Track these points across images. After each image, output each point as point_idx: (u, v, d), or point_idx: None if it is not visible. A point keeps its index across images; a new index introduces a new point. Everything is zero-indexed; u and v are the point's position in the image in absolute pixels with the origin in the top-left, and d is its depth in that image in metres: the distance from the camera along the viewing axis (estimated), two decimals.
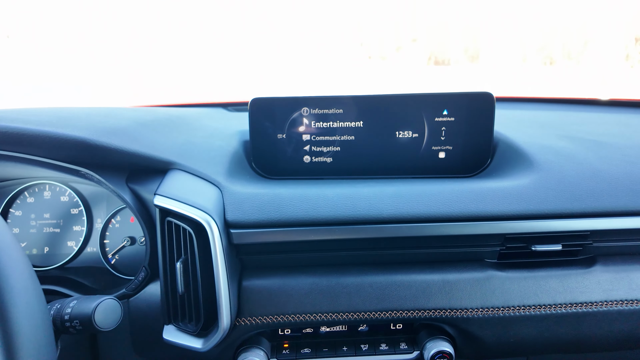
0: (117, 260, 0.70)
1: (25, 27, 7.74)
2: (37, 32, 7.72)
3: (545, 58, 12.35)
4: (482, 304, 0.59)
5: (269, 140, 0.67)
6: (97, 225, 0.71)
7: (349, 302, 0.58)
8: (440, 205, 0.56)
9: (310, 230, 0.56)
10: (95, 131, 0.56)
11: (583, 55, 11.19)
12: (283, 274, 0.59)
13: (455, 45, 14.88)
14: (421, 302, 0.58)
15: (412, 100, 0.64)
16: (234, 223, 0.55)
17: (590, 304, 0.59)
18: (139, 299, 0.60)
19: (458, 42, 14.87)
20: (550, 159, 0.63)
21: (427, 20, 16.18)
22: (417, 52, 15.52)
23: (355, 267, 0.60)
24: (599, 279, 0.60)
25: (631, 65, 8.23)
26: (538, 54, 12.65)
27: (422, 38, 15.66)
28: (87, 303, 0.45)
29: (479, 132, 0.65)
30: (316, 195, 0.57)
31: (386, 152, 0.66)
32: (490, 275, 0.59)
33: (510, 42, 13.42)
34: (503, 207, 0.56)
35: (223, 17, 17.99)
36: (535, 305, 0.59)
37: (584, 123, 0.84)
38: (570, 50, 11.60)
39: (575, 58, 11.46)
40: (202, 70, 9.03)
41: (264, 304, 0.58)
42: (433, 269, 0.60)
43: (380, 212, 0.56)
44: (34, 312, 0.34)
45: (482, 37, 14.29)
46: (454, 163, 0.66)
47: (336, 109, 0.65)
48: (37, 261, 0.70)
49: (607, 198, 0.58)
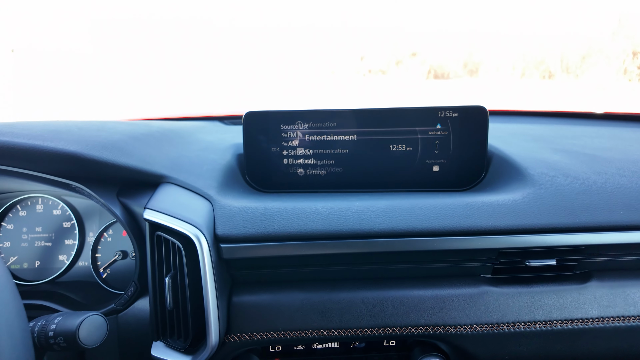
0: (109, 275, 0.69)
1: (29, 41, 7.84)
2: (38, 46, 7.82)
3: (543, 72, 12.44)
4: (476, 320, 0.58)
5: (263, 153, 0.67)
6: (89, 239, 0.71)
7: (340, 318, 0.57)
8: (432, 220, 0.56)
9: (300, 245, 0.55)
10: (86, 145, 0.56)
11: (581, 69, 11.27)
12: (274, 289, 0.58)
13: (454, 59, 15.01)
14: (414, 318, 0.57)
15: (406, 114, 0.65)
16: (224, 237, 0.54)
17: (586, 320, 0.58)
18: (128, 315, 0.59)
19: (457, 56, 15.01)
20: (544, 172, 0.63)
21: (427, 34, 16.36)
22: (416, 66, 15.66)
23: (347, 283, 0.59)
24: (594, 295, 0.59)
25: (629, 79, 8.28)
26: (537, 67, 12.75)
27: (421, 52, 15.82)
28: (72, 319, 0.44)
29: (473, 146, 0.65)
30: (308, 209, 0.57)
31: (380, 166, 0.66)
32: (484, 291, 0.58)
33: (509, 56, 13.55)
34: (496, 222, 0.56)
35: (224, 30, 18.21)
36: (530, 322, 0.58)
37: (579, 137, 0.84)
38: (568, 64, 11.69)
39: (573, 72, 11.55)
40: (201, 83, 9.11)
41: (254, 320, 0.57)
42: (426, 285, 0.59)
43: (372, 226, 0.55)
44: (13, 329, 0.33)
45: (481, 51, 14.42)
46: (448, 177, 0.66)
47: (330, 123, 0.66)
48: (27, 275, 0.70)
49: (602, 212, 0.57)
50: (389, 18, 17.90)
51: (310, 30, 18.97)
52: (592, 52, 11.04)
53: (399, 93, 7.99)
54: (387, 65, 16.36)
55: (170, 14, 17.30)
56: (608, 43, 10.28)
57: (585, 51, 11.35)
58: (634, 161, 0.67)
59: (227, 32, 18.15)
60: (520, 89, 9.08)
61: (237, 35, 18.30)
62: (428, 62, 15.49)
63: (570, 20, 12.87)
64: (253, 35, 18.87)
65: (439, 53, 15.36)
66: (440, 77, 14.83)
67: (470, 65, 14.57)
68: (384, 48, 16.43)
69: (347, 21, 18.85)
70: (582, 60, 11.37)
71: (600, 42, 10.82)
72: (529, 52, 13.06)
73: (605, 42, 10.52)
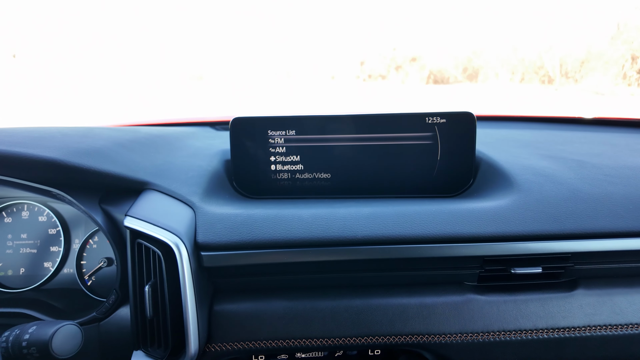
0: (94, 282, 0.69)
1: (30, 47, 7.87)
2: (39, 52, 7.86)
3: (543, 77, 12.46)
4: (461, 329, 0.57)
5: (250, 159, 0.67)
6: (74, 246, 0.70)
7: (323, 327, 0.57)
8: (416, 226, 0.55)
9: (282, 253, 0.54)
10: (67, 151, 0.56)
11: (580, 74, 11.29)
12: (256, 297, 0.58)
13: (454, 65, 15.05)
14: (398, 327, 0.57)
15: (393, 119, 0.64)
16: (204, 245, 0.54)
17: (573, 329, 0.57)
18: (110, 323, 0.58)
19: (457, 61, 15.05)
20: (530, 179, 0.62)
21: (427, 39, 16.42)
22: (416, 71, 15.70)
23: (330, 291, 0.59)
24: (581, 303, 0.58)
25: (628, 84, 8.29)
26: (536, 72, 12.77)
27: (421, 57, 15.87)
28: (46, 329, 0.44)
29: (461, 152, 0.64)
30: (291, 216, 0.56)
31: (368, 172, 0.66)
32: (469, 299, 0.58)
33: (509, 61, 13.58)
34: (481, 228, 0.55)
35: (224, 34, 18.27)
36: (516, 330, 0.57)
37: (568, 142, 0.84)
38: (567, 69, 11.71)
39: (572, 77, 11.56)
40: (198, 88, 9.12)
41: (236, 329, 0.56)
42: (410, 293, 0.58)
43: (355, 233, 0.54)
44: None
45: (480, 57, 14.46)
46: (435, 183, 0.65)
47: (317, 129, 0.65)
48: (12, 282, 0.69)
49: (587, 219, 0.57)
50: (389, 23, 17.95)
51: (310, 36, 19.05)
52: (591, 57, 11.07)
53: (398, 98, 8.01)
54: (387, 70, 16.41)
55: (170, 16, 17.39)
56: (607, 48, 10.31)
57: (584, 56, 11.37)
58: (622, 167, 0.67)
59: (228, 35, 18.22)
60: (520, 94, 9.09)
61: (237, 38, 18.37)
62: (428, 67, 15.54)
63: (569, 26, 12.91)
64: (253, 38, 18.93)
65: (438, 58, 15.40)
66: (440, 82, 14.88)
67: (470, 70, 14.61)
68: (384, 53, 16.48)
69: (347, 26, 18.91)
70: (581, 65, 11.40)
71: (599, 47, 10.85)
72: (529, 57, 13.09)
73: (604, 47, 10.55)
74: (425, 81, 15.22)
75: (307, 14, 19.30)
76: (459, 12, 15.88)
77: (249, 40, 19.28)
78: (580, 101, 7.20)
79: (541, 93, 9.51)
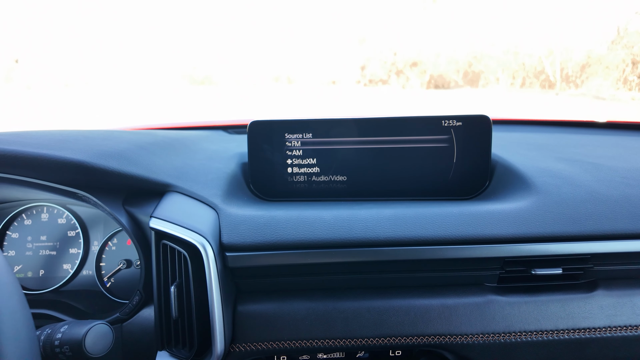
0: (113, 284, 0.69)
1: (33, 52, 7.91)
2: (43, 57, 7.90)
3: (543, 82, 12.50)
4: (483, 329, 0.57)
5: (267, 162, 0.67)
6: (93, 248, 0.71)
7: (345, 327, 0.57)
8: (438, 228, 0.56)
9: (306, 254, 0.55)
10: (92, 154, 0.56)
11: (580, 79, 11.32)
12: (279, 298, 0.58)
13: (455, 69, 15.11)
14: (420, 328, 0.57)
15: (410, 123, 0.65)
16: (229, 246, 0.54)
17: (594, 330, 0.58)
18: (133, 324, 0.59)
19: (458, 66, 15.11)
20: (548, 181, 0.63)
21: (427, 44, 16.49)
22: (417, 76, 15.75)
23: (352, 292, 0.59)
24: (601, 304, 0.58)
25: (629, 88, 8.31)
26: (537, 77, 12.82)
27: (422, 62, 15.93)
28: (78, 328, 0.44)
29: (477, 155, 0.65)
30: (313, 218, 0.57)
31: (384, 175, 0.66)
32: (490, 300, 0.58)
33: (509, 66, 13.63)
34: (501, 230, 0.56)
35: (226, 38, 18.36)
36: (537, 331, 0.57)
37: (582, 145, 0.84)
38: (568, 74, 11.75)
39: (573, 81, 11.60)
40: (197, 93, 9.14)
41: (259, 330, 0.57)
42: (432, 294, 0.59)
43: (377, 234, 0.55)
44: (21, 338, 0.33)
45: (481, 61, 14.52)
46: (451, 185, 0.66)
47: (334, 132, 0.66)
48: (32, 284, 0.70)
49: (607, 221, 0.57)
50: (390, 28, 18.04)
51: (311, 41, 19.14)
52: (592, 61, 11.10)
53: (399, 103, 8.03)
54: (388, 75, 16.46)
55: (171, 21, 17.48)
56: (607, 53, 10.35)
57: (585, 61, 11.41)
58: (638, 169, 0.67)
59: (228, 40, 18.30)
60: (521, 99, 9.11)
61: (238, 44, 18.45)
62: (428, 72, 15.59)
63: (569, 30, 12.97)
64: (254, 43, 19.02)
65: (439, 63, 15.46)
66: (440, 87, 14.92)
67: (470, 75, 14.66)
68: (385, 58, 16.55)
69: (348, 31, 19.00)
70: (582, 70, 11.43)
71: (599, 51, 10.89)
72: (529, 61, 13.14)
73: (604, 51, 10.59)
74: (426, 86, 15.27)
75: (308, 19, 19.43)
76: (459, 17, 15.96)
77: (250, 45, 19.37)
78: (582, 106, 7.22)
79: (542, 98, 9.54)
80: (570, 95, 10.14)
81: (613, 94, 8.70)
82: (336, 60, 17.83)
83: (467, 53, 15.07)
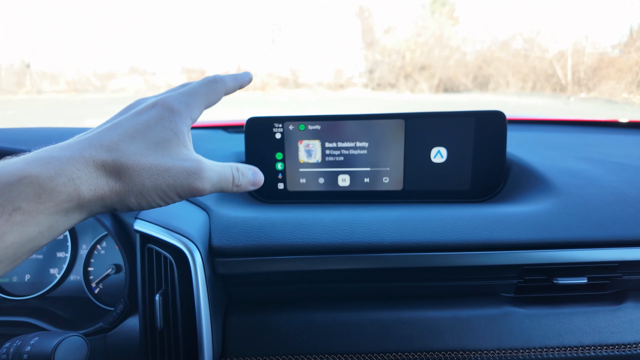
0: (101, 290, 0.65)
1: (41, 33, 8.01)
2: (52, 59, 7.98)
3: (554, 85, 12.34)
4: (499, 345, 0.52)
5: (265, 161, 0.63)
6: (81, 252, 0.67)
7: (347, 342, 0.52)
8: (449, 232, 0.51)
9: (303, 259, 0.50)
10: None
11: (592, 82, 11.16)
12: (274, 308, 0.54)
13: (464, 73, 15.02)
14: (429, 343, 0.52)
15: (418, 119, 0.60)
16: (219, 250, 0.50)
17: (623, 346, 0.52)
18: (117, 334, 0.55)
19: (467, 69, 15.02)
20: (569, 182, 0.58)
21: (436, 48, 16.43)
22: (425, 80, 15.69)
23: (354, 302, 0.54)
24: (631, 318, 0.53)
25: None
26: (548, 80, 12.66)
27: (431, 66, 15.86)
28: (49, 340, 0.40)
29: (490, 153, 0.60)
30: (311, 220, 0.52)
31: None
32: (507, 312, 0.53)
33: (519, 69, 13.50)
34: (520, 235, 0.50)
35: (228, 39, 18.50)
36: (560, 347, 0.52)
37: (603, 145, 0.79)
38: (579, 77, 11.59)
39: (585, 85, 11.43)
40: None
41: (252, 343, 0.52)
42: (442, 305, 0.54)
43: (382, 239, 0.50)
44: None
45: (491, 65, 14.41)
46: (463, 186, 0.61)
47: (336, 129, 0.61)
48: (17, 290, 0.66)
49: (635, 225, 0.51)
50: (399, 32, 18.01)
51: (319, 45, 19.20)
52: (604, 64, 10.94)
53: (408, 107, 8.00)
54: (396, 78, 16.42)
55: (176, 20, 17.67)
56: (620, 55, 10.19)
57: (596, 64, 11.25)
58: None
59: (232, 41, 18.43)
60: (532, 102, 9.01)
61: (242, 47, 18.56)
62: (437, 76, 15.52)
63: (581, 33, 12.82)
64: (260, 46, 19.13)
65: (448, 66, 15.39)
66: (449, 91, 14.84)
67: (480, 78, 14.55)
68: (393, 62, 16.52)
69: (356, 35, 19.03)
70: (594, 73, 11.27)
71: (611, 54, 10.74)
72: (540, 65, 13.00)
73: (616, 54, 10.44)
74: (435, 90, 15.19)
75: (316, 22, 19.48)
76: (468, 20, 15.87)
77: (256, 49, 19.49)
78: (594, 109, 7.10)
79: (553, 101, 9.40)
80: (582, 98, 10.00)
81: (626, 97, 8.55)
82: (344, 64, 17.85)
83: (477, 56, 14.97)
